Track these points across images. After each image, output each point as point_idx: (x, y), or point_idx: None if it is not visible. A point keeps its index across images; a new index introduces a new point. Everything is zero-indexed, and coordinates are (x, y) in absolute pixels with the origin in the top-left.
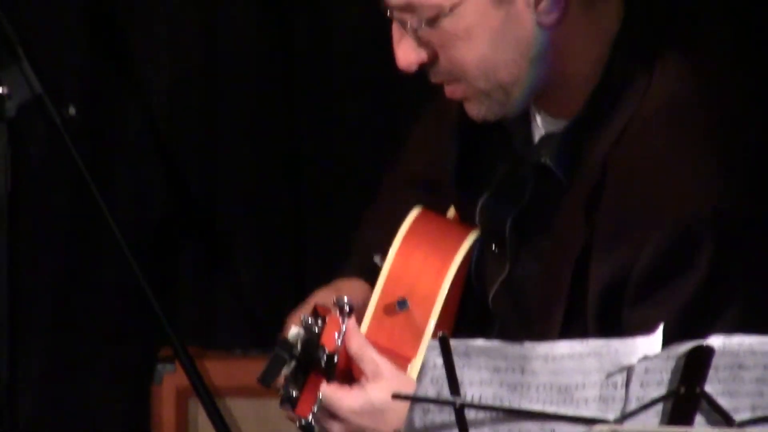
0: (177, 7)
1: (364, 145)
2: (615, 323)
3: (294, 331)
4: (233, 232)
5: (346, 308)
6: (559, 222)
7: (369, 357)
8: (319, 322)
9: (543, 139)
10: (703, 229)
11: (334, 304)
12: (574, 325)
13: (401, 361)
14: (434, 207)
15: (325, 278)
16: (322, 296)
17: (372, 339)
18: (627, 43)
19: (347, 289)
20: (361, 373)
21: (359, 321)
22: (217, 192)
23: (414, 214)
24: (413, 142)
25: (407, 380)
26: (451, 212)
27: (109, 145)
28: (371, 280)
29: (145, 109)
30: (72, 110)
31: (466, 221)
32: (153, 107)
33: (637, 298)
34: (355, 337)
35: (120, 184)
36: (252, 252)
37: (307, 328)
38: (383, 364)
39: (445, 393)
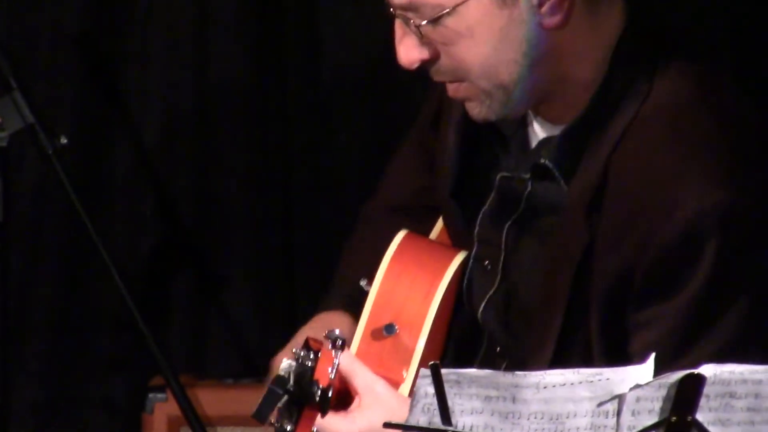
0: (169, 37)
1: (356, 176)
2: (620, 324)
3: (286, 364)
4: (224, 263)
5: (339, 342)
6: (558, 225)
7: (362, 376)
8: (312, 355)
9: (541, 142)
10: (706, 227)
11: (326, 337)
12: (574, 329)
13: (390, 385)
14: (415, 232)
15: (315, 309)
16: (306, 332)
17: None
18: (628, 49)
19: (330, 324)
20: (355, 402)
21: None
22: (209, 222)
23: (400, 237)
24: (391, 171)
25: (403, 401)
26: (436, 229)
27: (101, 174)
28: (353, 311)
29: (136, 139)
30: (64, 140)
31: (459, 238)
32: (144, 137)
33: (642, 297)
34: (347, 356)
35: (112, 214)
36: (243, 282)
37: (300, 362)
38: (378, 385)
39: (437, 421)
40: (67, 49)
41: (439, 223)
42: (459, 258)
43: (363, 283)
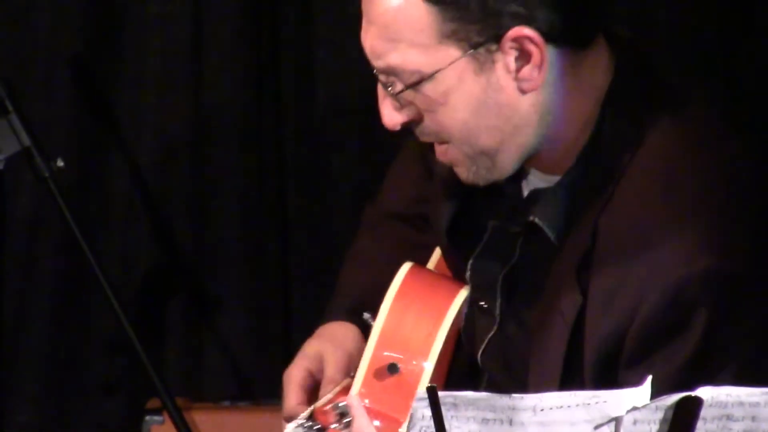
0: (164, 60)
1: (350, 200)
2: (612, 384)
3: (290, 429)
4: (220, 285)
5: (345, 419)
6: (551, 284)
7: (358, 422)
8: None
9: (532, 194)
10: (696, 292)
11: (332, 409)
12: (571, 383)
13: (393, 424)
14: (415, 240)
15: (312, 331)
16: (314, 345)
17: (363, 401)
18: (616, 101)
19: (334, 337)
20: None
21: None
22: (204, 245)
23: (404, 271)
24: (392, 176)
25: None
26: (436, 254)
27: (98, 197)
28: (356, 322)
29: (132, 162)
30: (60, 163)
31: (458, 272)
32: (140, 160)
33: (632, 361)
34: (359, 416)
35: (108, 237)
36: (239, 305)
37: None
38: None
39: None
40: (62, 72)
41: (438, 250)
42: (461, 296)
43: (367, 316)
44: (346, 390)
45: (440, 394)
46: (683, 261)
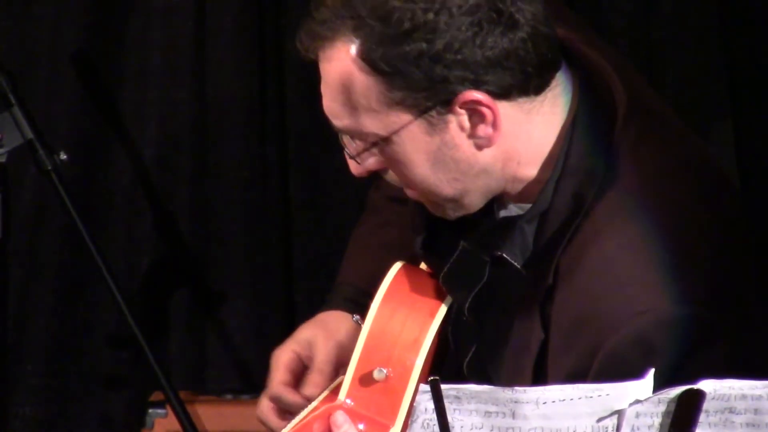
0: (167, 54)
1: (354, 193)
2: None
3: None
4: (224, 278)
5: None
6: (518, 313)
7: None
8: None
9: (503, 221)
10: (655, 335)
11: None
12: None
13: (380, 429)
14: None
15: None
16: (307, 331)
17: (349, 406)
18: (578, 138)
19: (329, 323)
20: None
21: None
22: (208, 238)
23: (394, 271)
24: None
25: None
26: None
27: (101, 190)
28: (353, 311)
29: (135, 155)
30: (63, 156)
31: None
32: (143, 153)
33: None
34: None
35: (111, 230)
36: (242, 298)
37: None
38: None
39: None
40: (65, 66)
41: None
42: (449, 300)
43: (356, 318)
44: (334, 392)
45: (443, 387)
46: (644, 305)
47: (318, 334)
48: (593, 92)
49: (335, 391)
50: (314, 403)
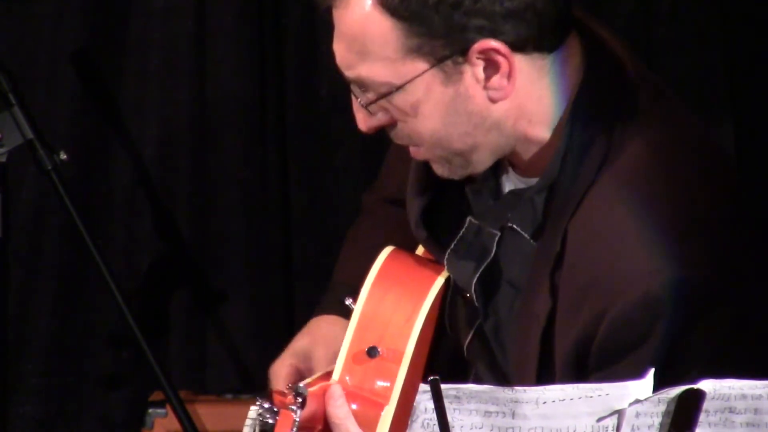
0: (167, 53)
1: (354, 193)
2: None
3: (254, 414)
4: (223, 278)
5: (299, 400)
6: (527, 284)
7: (335, 411)
8: (272, 414)
9: (508, 196)
10: (661, 301)
11: (290, 388)
12: (548, 380)
13: (374, 408)
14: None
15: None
16: (303, 341)
17: (344, 385)
18: (587, 104)
19: (325, 336)
20: None
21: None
22: (207, 238)
23: (384, 254)
24: (388, 163)
25: None
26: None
27: (101, 190)
28: (349, 313)
29: (135, 155)
30: (63, 156)
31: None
32: (143, 153)
33: (599, 366)
34: (339, 406)
35: (112, 230)
36: (242, 298)
37: (261, 421)
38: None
39: None
40: (65, 65)
41: None
42: (441, 278)
43: (348, 301)
44: (327, 375)
45: (443, 386)
46: (645, 274)
47: (314, 343)
48: (602, 64)
49: (329, 373)
50: (308, 380)
